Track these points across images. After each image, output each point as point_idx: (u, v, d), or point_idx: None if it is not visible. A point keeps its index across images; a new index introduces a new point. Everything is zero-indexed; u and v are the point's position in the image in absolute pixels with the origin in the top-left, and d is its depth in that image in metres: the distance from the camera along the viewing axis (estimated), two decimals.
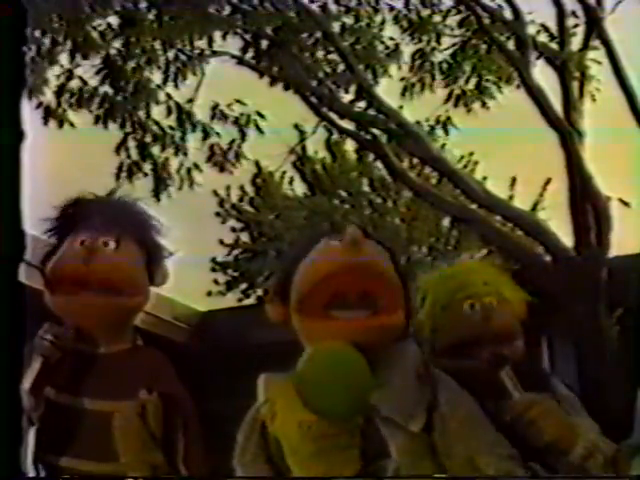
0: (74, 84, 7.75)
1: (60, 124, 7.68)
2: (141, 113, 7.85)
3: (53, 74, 7.69)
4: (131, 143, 7.92)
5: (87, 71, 7.75)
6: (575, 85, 7.30)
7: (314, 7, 7.84)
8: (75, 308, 1.85)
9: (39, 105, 7.61)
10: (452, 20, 8.18)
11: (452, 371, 1.81)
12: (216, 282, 10.97)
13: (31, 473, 1.73)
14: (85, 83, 7.76)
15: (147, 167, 8.00)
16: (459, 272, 2.17)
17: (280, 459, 1.67)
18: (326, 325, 1.69)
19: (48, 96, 7.68)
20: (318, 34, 7.92)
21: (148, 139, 7.93)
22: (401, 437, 1.60)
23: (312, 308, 1.69)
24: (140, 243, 1.91)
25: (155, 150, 8.02)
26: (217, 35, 7.88)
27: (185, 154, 8.05)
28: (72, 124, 7.73)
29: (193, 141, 8.08)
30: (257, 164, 10.25)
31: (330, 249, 1.73)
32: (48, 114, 7.66)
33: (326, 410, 1.62)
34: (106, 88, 7.76)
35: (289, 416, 1.66)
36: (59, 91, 7.70)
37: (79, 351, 1.83)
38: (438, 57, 8.30)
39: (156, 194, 7.89)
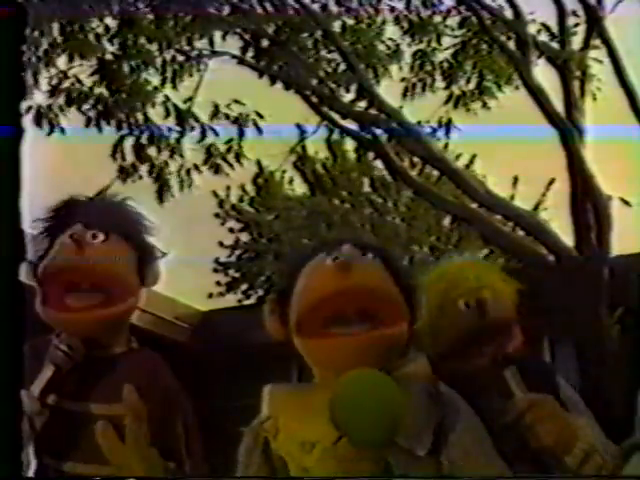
0: (69, 85, 7.73)
1: (52, 126, 7.66)
2: (139, 115, 7.84)
3: (49, 75, 7.68)
4: (129, 145, 7.92)
5: (83, 72, 7.76)
6: (576, 84, 7.30)
7: (315, 7, 7.84)
8: (65, 319, 1.85)
9: (36, 107, 7.60)
10: (453, 21, 8.20)
11: (455, 373, 1.80)
12: (218, 283, 10.98)
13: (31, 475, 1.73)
14: (81, 84, 7.75)
15: (145, 169, 8.00)
16: (448, 271, 2.16)
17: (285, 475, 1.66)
18: (327, 342, 1.67)
19: (43, 98, 7.68)
20: (319, 33, 7.92)
21: (145, 141, 7.92)
22: (406, 461, 1.57)
23: (311, 329, 1.68)
24: (130, 241, 1.91)
25: (154, 152, 8.01)
26: (217, 35, 7.88)
27: (182, 155, 8.04)
28: (62, 130, 7.71)
29: (191, 142, 8.08)
30: (259, 163, 10.25)
31: (323, 271, 1.71)
32: (44, 116, 7.64)
33: (364, 441, 1.58)
34: (102, 89, 7.76)
35: (292, 435, 1.65)
36: (54, 92, 7.69)
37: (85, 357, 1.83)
38: (439, 57, 8.30)
39: (159, 196, 7.89)
